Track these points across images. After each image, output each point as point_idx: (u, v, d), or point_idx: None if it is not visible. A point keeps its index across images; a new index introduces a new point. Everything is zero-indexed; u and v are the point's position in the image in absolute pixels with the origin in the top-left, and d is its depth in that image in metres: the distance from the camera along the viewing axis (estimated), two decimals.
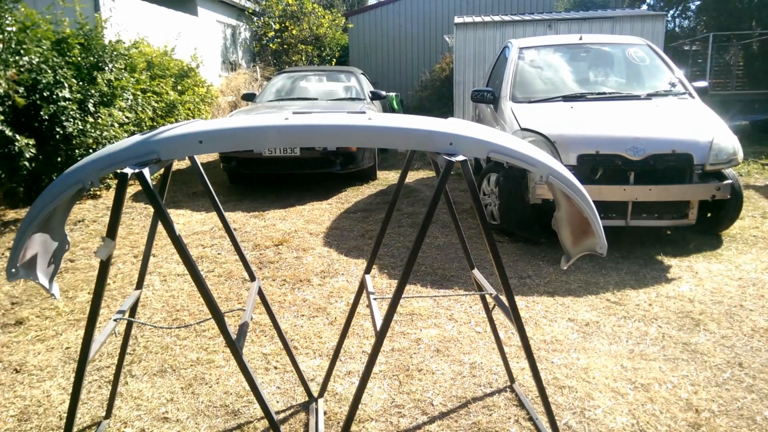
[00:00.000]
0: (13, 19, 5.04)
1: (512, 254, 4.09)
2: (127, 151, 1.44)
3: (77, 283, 3.61)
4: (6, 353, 2.71)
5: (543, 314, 3.06)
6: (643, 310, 3.09)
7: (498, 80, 5.64)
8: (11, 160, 4.87)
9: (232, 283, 3.60)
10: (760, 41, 12.15)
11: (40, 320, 3.08)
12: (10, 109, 4.88)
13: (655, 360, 2.56)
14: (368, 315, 3.00)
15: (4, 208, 5.47)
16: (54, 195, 1.41)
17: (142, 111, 6.84)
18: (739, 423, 2.10)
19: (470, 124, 1.66)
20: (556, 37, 6.70)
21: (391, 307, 1.54)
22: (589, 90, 5.04)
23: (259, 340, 2.80)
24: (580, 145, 4.02)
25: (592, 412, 2.17)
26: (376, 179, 6.98)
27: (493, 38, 9.85)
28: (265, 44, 15.27)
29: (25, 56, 5.02)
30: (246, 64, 15.15)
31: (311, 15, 15.01)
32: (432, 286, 3.54)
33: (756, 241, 4.25)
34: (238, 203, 5.86)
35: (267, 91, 7.99)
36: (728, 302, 3.17)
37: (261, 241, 4.49)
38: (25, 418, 2.19)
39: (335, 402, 2.26)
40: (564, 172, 1.62)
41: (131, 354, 2.66)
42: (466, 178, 1.55)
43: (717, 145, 3.95)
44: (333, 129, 1.52)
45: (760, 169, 7.06)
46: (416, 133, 1.53)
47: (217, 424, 2.13)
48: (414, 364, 2.54)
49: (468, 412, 2.18)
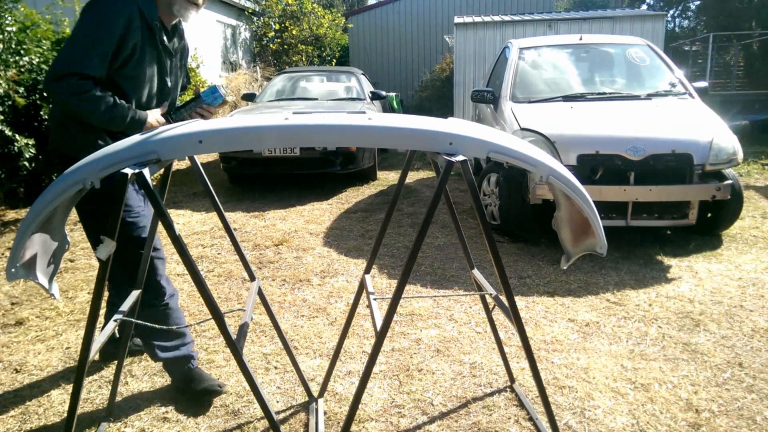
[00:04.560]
0: (13, 19, 5.04)
1: (512, 254, 4.09)
2: (127, 151, 1.44)
3: (77, 283, 3.61)
4: (6, 353, 2.71)
5: (543, 314, 3.06)
6: (643, 311, 3.09)
7: (498, 80, 5.64)
8: (11, 160, 4.87)
9: (232, 283, 3.60)
10: (760, 41, 12.15)
11: (40, 320, 3.08)
12: (10, 109, 4.88)
13: (655, 360, 2.56)
14: (368, 315, 3.00)
15: (4, 208, 5.47)
16: (54, 195, 1.41)
17: None
18: (739, 423, 2.10)
19: (470, 124, 1.66)
20: (556, 37, 6.70)
21: (391, 307, 1.54)
22: (589, 90, 5.04)
23: (259, 340, 2.80)
24: (580, 145, 4.02)
25: (592, 412, 2.17)
26: (376, 179, 6.98)
27: (493, 38, 9.85)
28: (265, 44, 15.27)
29: (25, 56, 5.03)
30: (246, 64, 15.15)
31: (311, 15, 15.01)
32: (432, 286, 3.54)
33: (756, 241, 4.25)
34: (238, 203, 5.86)
35: (267, 92, 7.99)
36: (728, 302, 3.17)
37: (261, 241, 4.49)
38: (25, 418, 2.19)
39: (335, 402, 2.26)
40: (564, 172, 1.61)
41: (131, 354, 2.66)
42: (466, 178, 1.55)
43: (717, 145, 3.95)
44: (333, 129, 1.51)
45: (761, 169, 7.06)
46: (416, 133, 1.52)
47: (217, 424, 2.13)
48: (414, 364, 2.54)
49: (468, 412, 2.18)
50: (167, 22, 2.13)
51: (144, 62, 2.05)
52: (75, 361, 2.60)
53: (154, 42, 2.07)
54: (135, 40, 1.98)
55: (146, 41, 2.03)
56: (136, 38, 1.98)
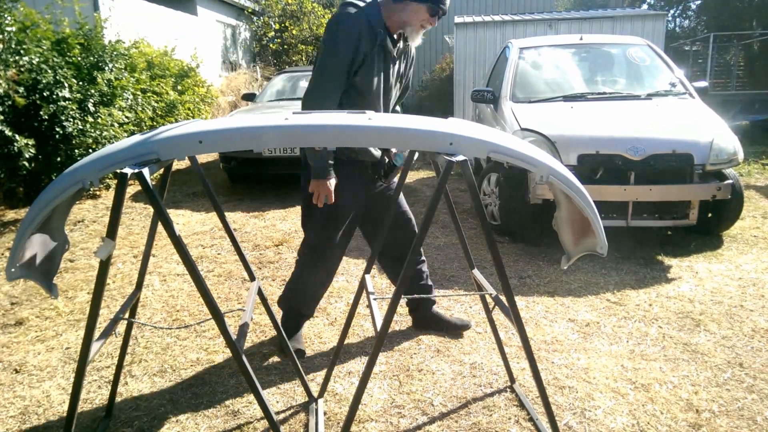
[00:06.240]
0: (12, 19, 5.04)
1: (512, 254, 4.08)
2: (126, 151, 1.43)
3: (77, 283, 3.61)
4: (6, 353, 2.71)
5: (543, 314, 3.06)
6: (644, 311, 3.09)
7: (498, 80, 5.64)
8: (11, 160, 4.87)
9: (232, 283, 3.60)
10: (760, 41, 12.15)
11: (40, 320, 3.07)
12: (10, 109, 4.88)
13: (655, 360, 2.56)
14: (368, 315, 2.99)
15: (4, 208, 5.47)
16: (54, 195, 1.40)
17: (142, 111, 6.83)
18: (739, 423, 2.09)
19: (470, 124, 1.66)
20: (556, 37, 6.70)
21: (391, 307, 1.53)
22: (590, 90, 5.04)
23: (259, 340, 2.80)
24: (580, 145, 4.02)
25: (593, 412, 2.17)
26: None
27: (493, 38, 9.84)
28: (265, 44, 15.27)
29: (25, 56, 5.02)
30: (246, 64, 15.15)
31: (311, 15, 15.01)
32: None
33: (756, 242, 4.25)
34: (238, 203, 5.86)
35: (267, 91, 7.99)
36: (728, 302, 3.17)
37: (261, 241, 4.48)
38: (25, 418, 2.19)
39: (335, 402, 2.26)
40: (564, 172, 1.61)
41: (131, 354, 2.66)
42: (466, 178, 1.54)
43: (717, 145, 3.95)
44: (333, 129, 1.51)
45: (761, 169, 7.06)
46: (416, 133, 1.52)
47: (217, 425, 2.12)
48: (414, 365, 2.54)
49: (468, 412, 2.18)
50: (393, 30, 2.30)
51: (372, 70, 2.27)
52: (75, 361, 2.60)
53: (380, 50, 2.28)
54: (365, 50, 2.22)
55: (373, 50, 2.25)
56: (365, 49, 2.22)
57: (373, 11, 2.25)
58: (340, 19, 2.24)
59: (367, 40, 2.22)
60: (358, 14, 2.23)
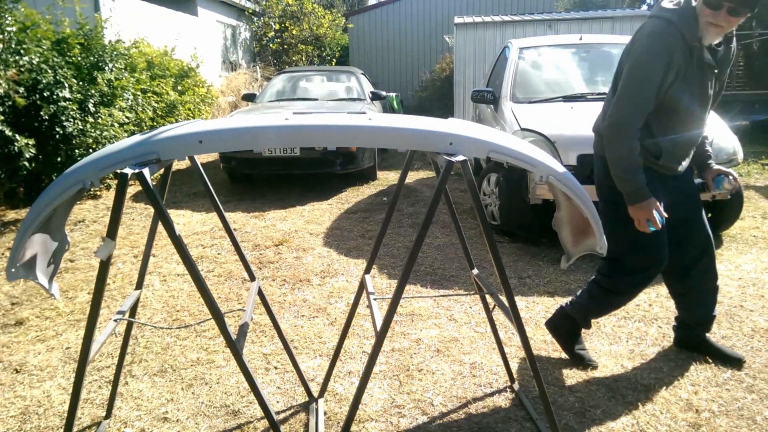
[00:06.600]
0: (13, 19, 5.04)
1: (512, 254, 4.08)
2: (127, 151, 1.44)
3: (77, 283, 3.61)
4: (6, 353, 2.71)
5: (543, 314, 3.06)
6: (643, 311, 3.09)
7: (498, 80, 5.64)
8: (11, 160, 4.88)
9: (232, 283, 3.60)
10: (760, 41, 12.14)
11: (40, 320, 3.08)
12: (10, 109, 4.88)
13: (655, 360, 2.56)
14: (368, 315, 3.00)
15: (4, 208, 5.48)
16: (54, 195, 1.41)
17: (142, 111, 6.84)
18: (739, 423, 2.10)
19: (470, 124, 1.66)
20: (556, 37, 6.70)
21: (391, 308, 1.54)
22: (590, 90, 5.04)
23: (259, 340, 2.80)
24: (580, 145, 4.02)
25: (593, 412, 2.17)
26: (376, 179, 6.98)
27: (493, 38, 9.85)
28: (265, 44, 15.27)
29: (25, 56, 5.03)
30: (246, 64, 15.15)
31: (311, 15, 15.02)
32: (432, 286, 3.54)
33: (756, 242, 4.25)
34: (238, 203, 5.86)
35: (267, 92, 7.99)
36: (728, 302, 3.17)
37: (261, 241, 4.49)
38: (25, 418, 2.19)
39: (335, 402, 2.26)
40: (564, 173, 1.62)
41: (131, 354, 2.66)
42: (466, 178, 1.55)
43: (717, 145, 3.95)
44: (333, 129, 1.51)
45: (761, 169, 7.06)
46: (416, 133, 1.52)
47: (217, 424, 2.13)
48: (414, 365, 2.54)
49: (468, 412, 2.18)
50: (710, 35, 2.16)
51: (686, 83, 2.14)
52: (75, 361, 2.60)
53: (696, 61, 2.13)
54: (677, 65, 2.10)
55: (688, 63, 2.12)
56: (678, 63, 2.09)
57: (686, 22, 2.07)
58: (652, 40, 2.10)
59: (680, 57, 2.08)
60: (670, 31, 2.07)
